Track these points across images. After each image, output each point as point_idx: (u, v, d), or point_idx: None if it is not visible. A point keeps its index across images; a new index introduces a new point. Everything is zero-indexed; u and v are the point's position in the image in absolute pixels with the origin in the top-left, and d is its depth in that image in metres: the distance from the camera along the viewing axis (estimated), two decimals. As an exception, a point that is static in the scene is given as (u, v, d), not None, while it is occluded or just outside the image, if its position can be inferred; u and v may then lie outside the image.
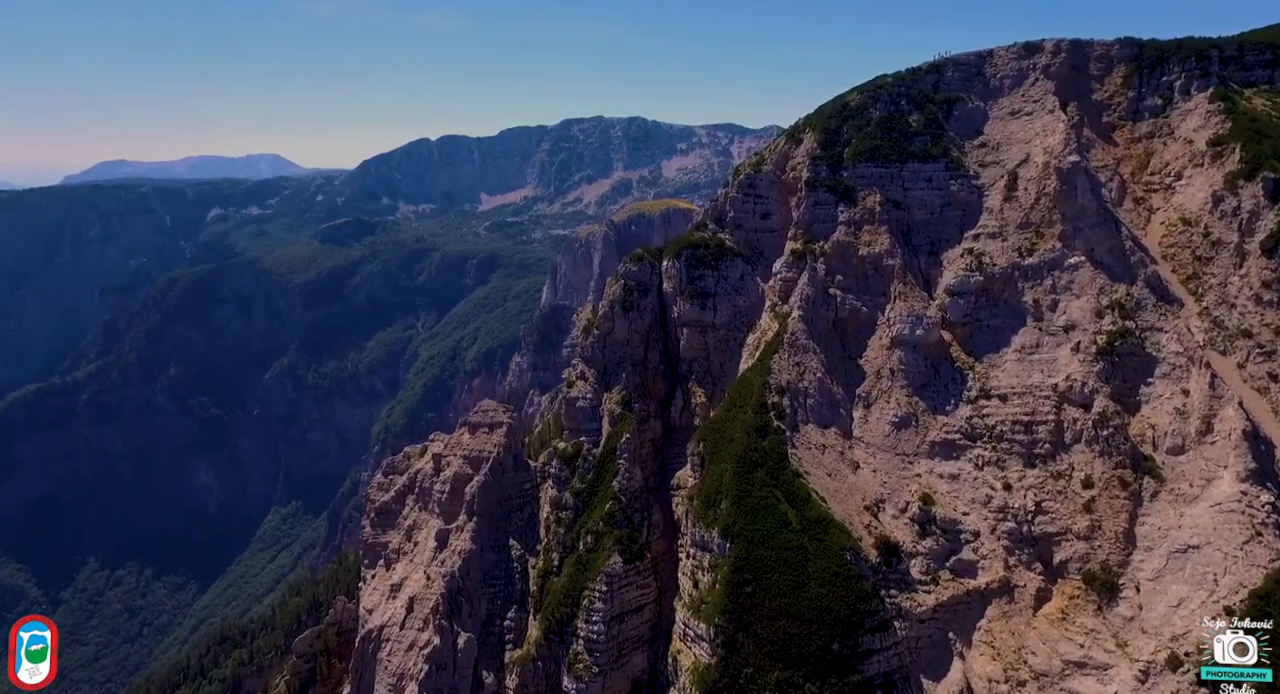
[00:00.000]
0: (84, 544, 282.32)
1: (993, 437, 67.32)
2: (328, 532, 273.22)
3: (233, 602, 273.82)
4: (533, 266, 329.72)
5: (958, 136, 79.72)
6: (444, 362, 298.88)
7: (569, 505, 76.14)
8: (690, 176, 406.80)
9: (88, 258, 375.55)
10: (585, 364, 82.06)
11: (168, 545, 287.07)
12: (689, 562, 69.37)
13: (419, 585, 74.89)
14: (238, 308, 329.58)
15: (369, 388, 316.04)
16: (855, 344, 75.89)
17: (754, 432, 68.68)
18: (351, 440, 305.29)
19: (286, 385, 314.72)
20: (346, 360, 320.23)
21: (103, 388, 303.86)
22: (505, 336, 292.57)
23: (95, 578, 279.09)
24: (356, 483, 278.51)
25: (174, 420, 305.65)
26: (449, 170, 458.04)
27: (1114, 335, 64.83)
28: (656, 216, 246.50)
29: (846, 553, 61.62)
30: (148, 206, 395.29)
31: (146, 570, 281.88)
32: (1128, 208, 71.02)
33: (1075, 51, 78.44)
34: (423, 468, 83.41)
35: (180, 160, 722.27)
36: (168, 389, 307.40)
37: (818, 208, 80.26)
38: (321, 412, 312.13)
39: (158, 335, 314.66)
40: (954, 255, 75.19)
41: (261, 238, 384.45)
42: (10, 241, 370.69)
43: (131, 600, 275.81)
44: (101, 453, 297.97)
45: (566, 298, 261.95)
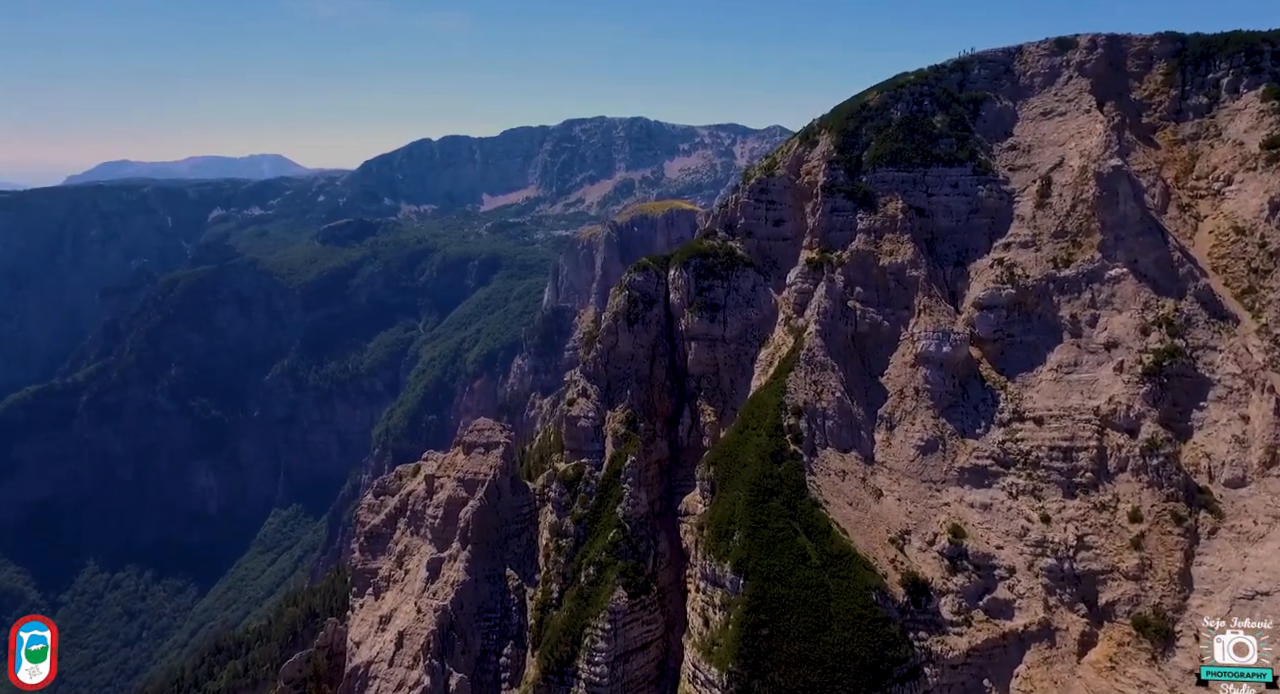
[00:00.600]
0: (83, 547, 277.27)
1: (1028, 463, 61.29)
2: (328, 534, 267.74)
3: (232, 605, 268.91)
4: (534, 267, 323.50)
5: (985, 138, 73.57)
6: (445, 363, 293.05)
7: (570, 532, 70.27)
8: (693, 177, 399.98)
9: (89, 258, 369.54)
10: (587, 380, 76.10)
11: (168, 548, 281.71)
12: (699, 596, 63.45)
13: (409, 618, 69.01)
14: (238, 309, 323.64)
15: (370, 389, 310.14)
16: (876, 361, 69.86)
17: (769, 456, 62.75)
18: (352, 442, 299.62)
19: (287, 387, 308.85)
20: (347, 362, 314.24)
21: (103, 389, 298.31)
22: (507, 338, 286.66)
23: (95, 581, 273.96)
24: (357, 485, 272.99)
25: (174, 422, 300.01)
26: (451, 171, 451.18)
27: (1162, 354, 58.79)
28: (659, 218, 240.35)
29: (872, 592, 55.68)
30: (149, 207, 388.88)
31: (146, 573, 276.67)
32: (1172, 215, 64.94)
33: (1112, 47, 72.25)
34: (415, 490, 77.51)
35: (183, 160, 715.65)
36: (168, 390, 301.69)
37: (835, 215, 74.17)
38: (322, 413, 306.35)
39: (158, 336, 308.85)
40: (982, 266, 69.10)
41: (263, 238, 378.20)
42: (11, 242, 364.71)
43: (131, 603, 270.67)
44: (101, 455, 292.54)
45: (568, 300, 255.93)
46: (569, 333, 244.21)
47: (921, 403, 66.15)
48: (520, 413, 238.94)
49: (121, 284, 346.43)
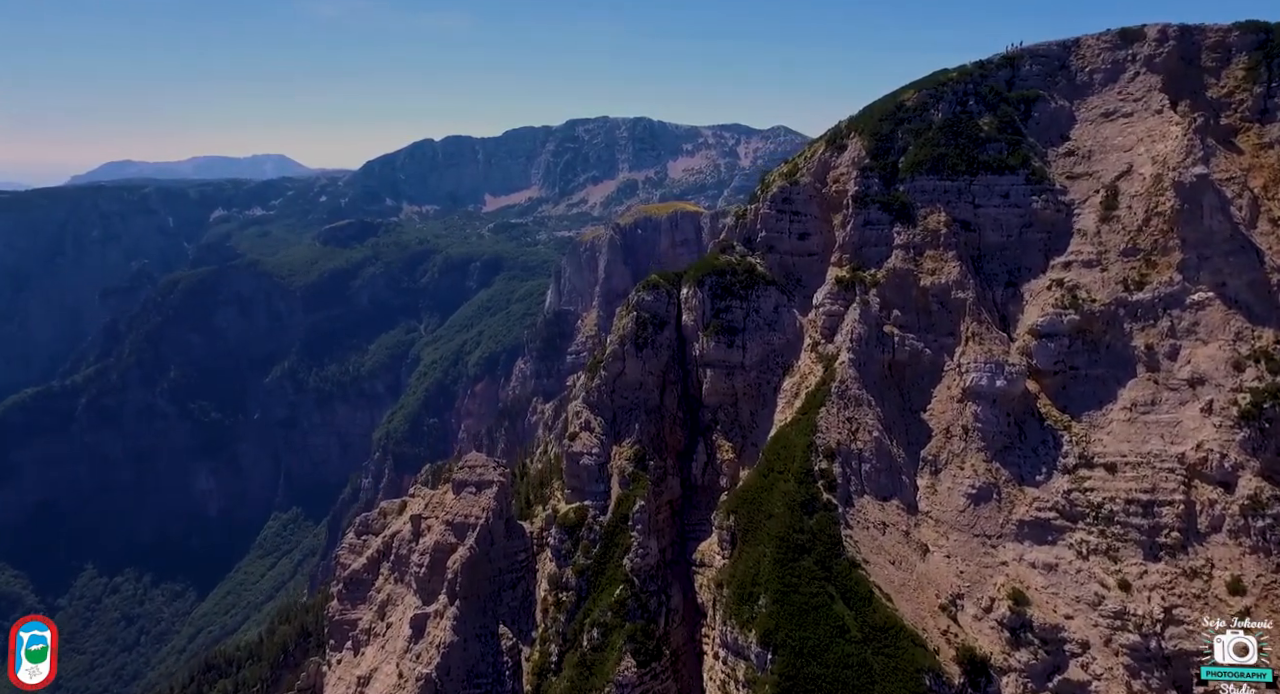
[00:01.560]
0: (82, 550, 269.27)
1: (1099, 517, 51.90)
2: (327, 540, 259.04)
3: (231, 610, 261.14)
4: (537, 269, 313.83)
5: (1039, 142, 63.91)
6: (446, 366, 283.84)
7: (571, 585, 60.99)
8: (697, 177, 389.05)
9: (90, 259, 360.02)
10: (591, 411, 66.68)
11: (167, 551, 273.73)
12: (719, 666, 54.24)
13: (389, 683, 59.82)
14: (238, 310, 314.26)
15: (371, 391, 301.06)
16: (917, 394, 60.44)
17: (798, 506, 53.46)
18: (353, 444, 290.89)
19: (287, 389, 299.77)
20: (348, 364, 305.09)
21: (102, 391, 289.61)
22: (509, 341, 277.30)
23: (93, 585, 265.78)
24: (357, 489, 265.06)
25: (174, 424, 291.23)
26: (453, 171, 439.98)
27: (1261, 394, 49.37)
28: (664, 220, 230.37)
29: (925, 675, 46.42)
30: (150, 207, 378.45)
31: (145, 577, 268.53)
32: (1263, 231, 55.38)
33: (1184, 39, 62.53)
34: (400, 531, 68.21)
35: (186, 161, 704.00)
36: (167, 393, 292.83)
37: (868, 228, 64.61)
38: (323, 415, 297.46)
39: (157, 338, 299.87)
40: (1039, 287, 59.57)
41: (264, 239, 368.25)
42: (13, 242, 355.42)
43: (129, 608, 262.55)
44: (100, 457, 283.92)
45: (571, 303, 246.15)
46: (571, 336, 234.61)
47: (971, 444, 56.73)
48: (522, 418, 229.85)
49: (122, 285, 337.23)
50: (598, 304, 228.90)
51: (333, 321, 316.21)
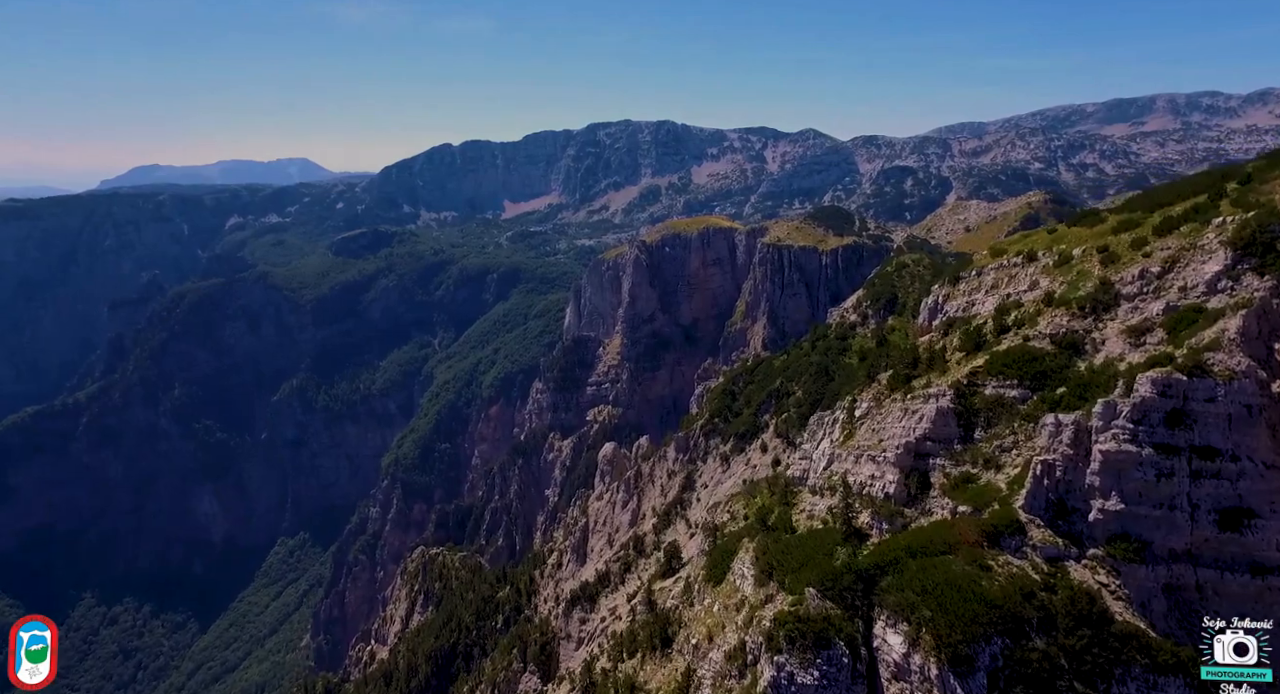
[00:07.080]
0: (80, 578, 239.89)
1: None
2: (331, 574, 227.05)
3: (234, 643, 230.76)
4: (555, 281, 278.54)
5: None
6: (460, 386, 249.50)
7: None
8: (722, 183, 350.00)
9: (103, 268, 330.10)
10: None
11: (168, 579, 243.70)
12: None
13: None
14: (247, 325, 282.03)
15: (382, 411, 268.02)
16: None
17: None
18: (363, 467, 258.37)
19: (295, 408, 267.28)
20: (359, 381, 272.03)
21: (103, 410, 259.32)
22: (525, 360, 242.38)
23: (91, 615, 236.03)
24: (364, 519, 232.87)
25: (177, 445, 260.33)
26: (472, 176, 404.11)
27: None
28: (694, 237, 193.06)
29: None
30: (165, 215, 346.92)
31: (144, 607, 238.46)
32: None
33: None
34: None
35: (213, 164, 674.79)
36: (171, 412, 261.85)
37: None
38: (332, 436, 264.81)
39: (162, 354, 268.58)
40: None
41: (279, 247, 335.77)
42: (26, 252, 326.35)
43: (127, 641, 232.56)
44: (101, 480, 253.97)
45: (591, 327, 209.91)
46: (592, 366, 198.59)
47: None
48: (537, 455, 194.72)
49: (131, 296, 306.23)
50: (621, 330, 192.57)
51: (344, 336, 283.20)
